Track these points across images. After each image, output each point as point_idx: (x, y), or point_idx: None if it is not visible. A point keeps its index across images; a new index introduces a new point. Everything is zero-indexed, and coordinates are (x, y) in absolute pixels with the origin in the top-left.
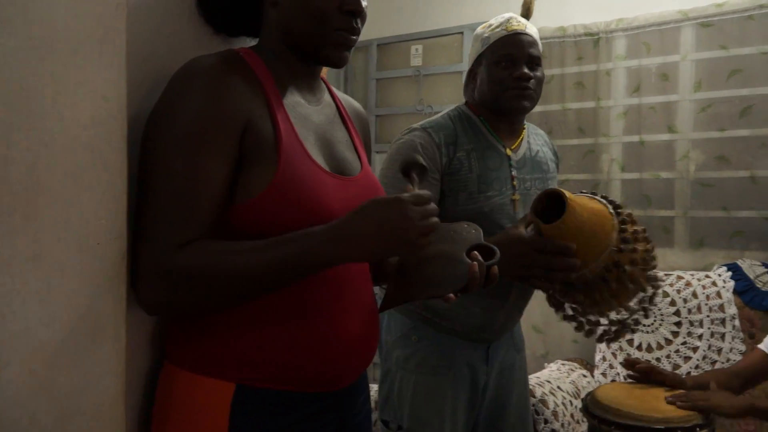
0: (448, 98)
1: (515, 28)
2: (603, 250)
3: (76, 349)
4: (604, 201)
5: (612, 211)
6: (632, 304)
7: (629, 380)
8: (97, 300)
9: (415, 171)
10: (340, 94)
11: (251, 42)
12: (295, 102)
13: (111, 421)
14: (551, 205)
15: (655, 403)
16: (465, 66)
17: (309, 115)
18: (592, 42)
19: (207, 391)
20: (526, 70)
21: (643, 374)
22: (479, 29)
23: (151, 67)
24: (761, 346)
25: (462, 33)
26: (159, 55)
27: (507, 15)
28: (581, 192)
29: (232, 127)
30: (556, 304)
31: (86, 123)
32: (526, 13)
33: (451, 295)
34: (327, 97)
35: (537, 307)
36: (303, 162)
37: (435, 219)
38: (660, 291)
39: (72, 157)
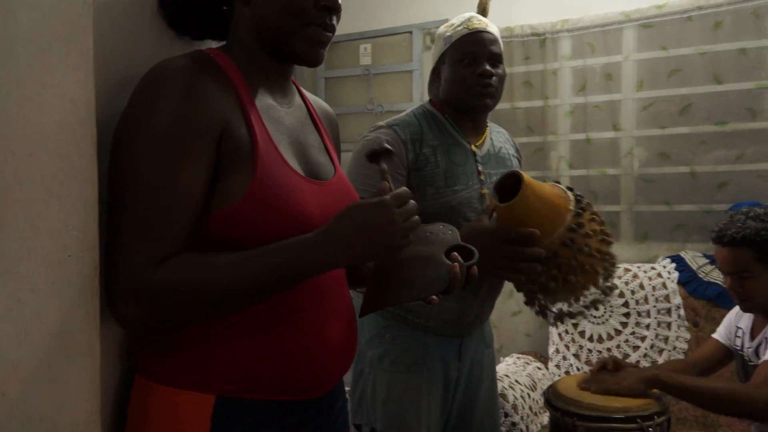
0: (399, 97)
1: (476, 26)
2: (557, 228)
3: (50, 367)
4: (562, 186)
5: (567, 192)
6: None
7: (586, 371)
8: (69, 315)
9: (383, 158)
10: (310, 96)
11: (216, 44)
12: (267, 105)
13: None
14: (511, 188)
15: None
16: (415, 65)
17: (281, 118)
18: (538, 42)
19: (185, 405)
20: (488, 67)
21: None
22: (441, 29)
23: (115, 69)
24: (715, 335)
25: (411, 33)
26: (122, 57)
27: (467, 14)
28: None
29: (210, 133)
30: (527, 294)
31: (54, 128)
32: (483, 13)
33: (434, 297)
34: (298, 99)
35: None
36: (279, 167)
37: (416, 217)
38: (616, 272)
39: (40, 164)
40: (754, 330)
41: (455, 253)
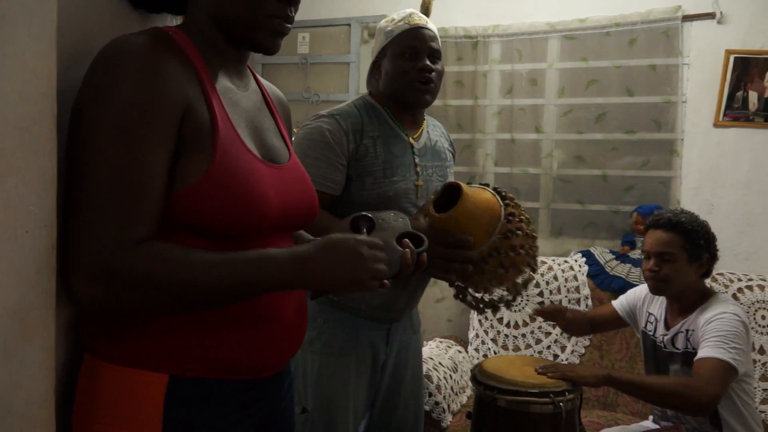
0: (335, 88)
1: (417, 22)
2: (489, 238)
3: (5, 345)
4: (494, 193)
5: (501, 203)
6: (510, 284)
7: (510, 353)
8: (26, 293)
9: (364, 225)
10: (264, 81)
11: (172, 20)
12: (226, 87)
13: (42, 420)
14: (448, 196)
15: (532, 372)
16: (352, 58)
17: (239, 102)
18: (471, 44)
19: (139, 385)
20: (428, 62)
21: (548, 315)
22: (382, 23)
23: (71, 39)
24: (615, 303)
25: (349, 25)
26: (78, 27)
27: (408, 10)
28: (478, 185)
29: (173, 113)
30: (456, 289)
31: (15, 100)
32: (425, 12)
33: (386, 281)
34: (253, 83)
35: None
36: (239, 150)
37: (384, 266)
38: (535, 275)
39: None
40: (668, 320)
41: (406, 240)
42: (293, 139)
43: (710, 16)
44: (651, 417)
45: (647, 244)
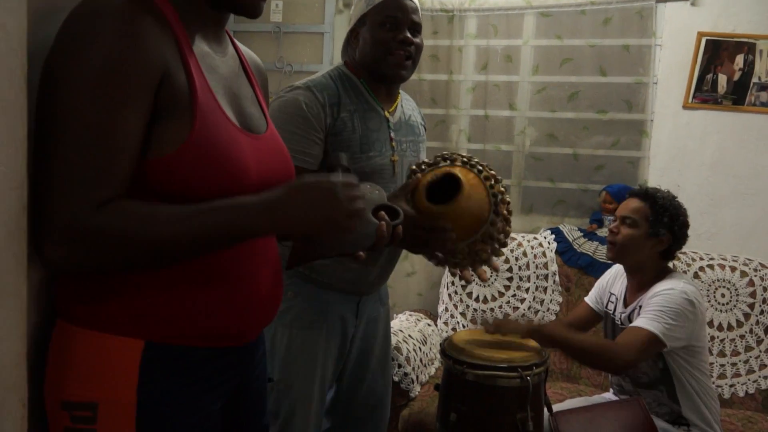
0: (309, 58)
1: None
2: (472, 236)
3: None
4: (483, 179)
5: (491, 206)
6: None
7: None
8: None
9: (340, 166)
10: (242, 47)
11: None
12: (203, 52)
13: (13, 383)
14: (442, 183)
15: (501, 346)
16: (326, 28)
17: (217, 67)
18: (446, 18)
19: (114, 351)
20: (408, 35)
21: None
22: None
23: None
24: (587, 299)
25: None
26: None
27: None
28: (464, 158)
29: (149, 76)
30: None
31: None
32: None
33: (361, 253)
34: (231, 48)
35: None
36: (218, 118)
37: (361, 204)
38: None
39: None
40: (627, 298)
41: (382, 213)
42: (270, 107)
43: None
44: (611, 390)
45: (619, 209)
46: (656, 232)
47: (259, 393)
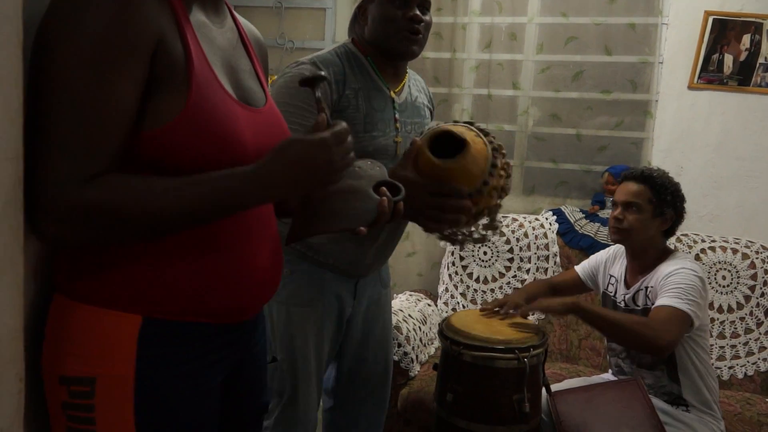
0: (311, 35)
1: None
2: (479, 179)
3: None
4: (481, 135)
5: (488, 145)
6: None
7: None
8: None
9: (317, 85)
10: (241, 19)
11: None
12: (200, 22)
13: (10, 357)
14: (439, 142)
15: (500, 327)
16: (329, 3)
17: (215, 38)
18: None
19: (111, 325)
20: (418, 12)
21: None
22: None
23: None
24: (578, 268)
25: None
26: None
27: None
28: (463, 123)
29: (144, 46)
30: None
31: None
32: None
33: (362, 228)
34: (230, 20)
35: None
36: (215, 90)
37: (352, 154)
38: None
39: None
40: (628, 280)
41: (383, 188)
42: (272, 85)
43: None
44: (610, 371)
45: (617, 194)
46: (661, 211)
47: (259, 371)
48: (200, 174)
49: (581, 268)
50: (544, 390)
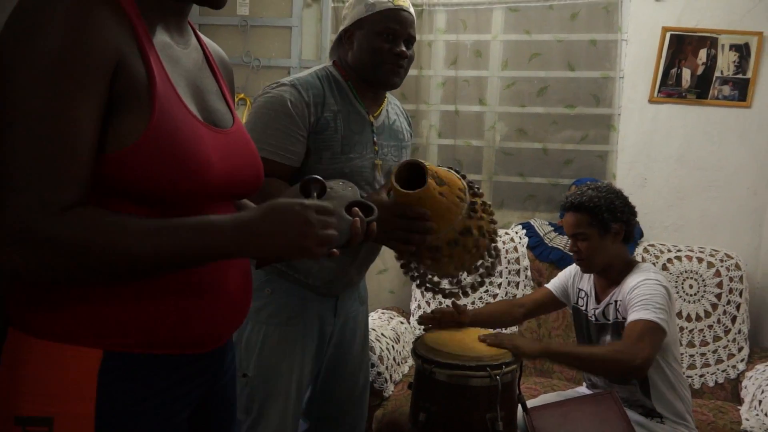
0: (277, 53)
1: (400, 3)
2: (454, 219)
3: None
4: (458, 175)
5: (464, 185)
6: (473, 269)
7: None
8: None
9: (315, 189)
10: (206, 39)
11: None
12: (164, 42)
13: None
14: (412, 174)
15: (473, 345)
16: (294, 22)
17: (178, 59)
18: (416, 13)
19: (70, 361)
20: (404, 48)
21: (436, 321)
22: None
23: None
24: (549, 286)
25: None
26: None
27: None
28: (446, 168)
29: (104, 66)
30: (407, 267)
31: None
32: None
33: (335, 250)
34: (194, 40)
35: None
36: (178, 110)
37: (333, 231)
38: (497, 261)
39: None
40: (597, 294)
41: (356, 209)
42: (254, 102)
43: None
44: (584, 383)
45: (565, 228)
46: (606, 228)
47: (230, 400)
48: (179, 219)
49: (552, 285)
50: (520, 407)
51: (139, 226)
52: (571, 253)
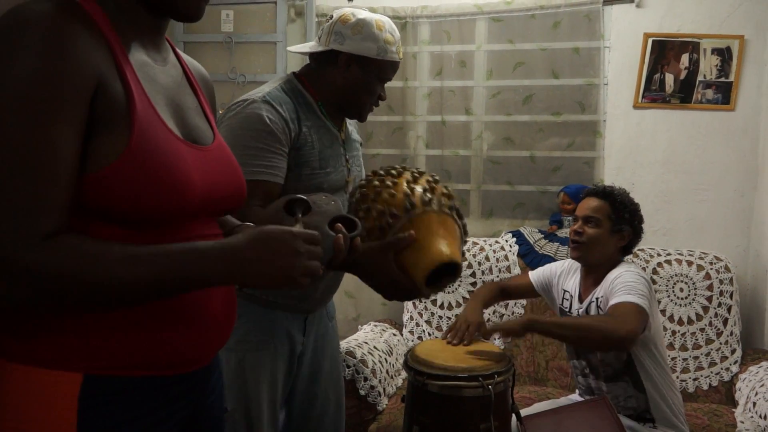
0: (262, 68)
1: (400, 56)
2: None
3: None
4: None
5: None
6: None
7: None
8: None
9: (299, 209)
10: (184, 56)
11: None
12: (141, 61)
13: None
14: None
15: (464, 355)
16: (279, 37)
17: (157, 77)
18: (400, 25)
19: (49, 386)
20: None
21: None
22: (375, 29)
23: None
24: (532, 275)
25: (275, 3)
26: None
27: (396, 34)
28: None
29: (82, 89)
30: None
31: None
32: None
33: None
34: (172, 57)
35: (349, 275)
36: (158, 129)
37: (318, 263)
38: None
39: None
40: (581, 294)
41: (339, 225)
42: (223, 123)
43: (629, 0)
44: (577, 391)
45: (579, 209)
46: (619, 228)
47: (217, 419)
48: (164, 246)
49: (535, 275)
50: (514, 416)
51: (121, 254)
52: (572, 233)
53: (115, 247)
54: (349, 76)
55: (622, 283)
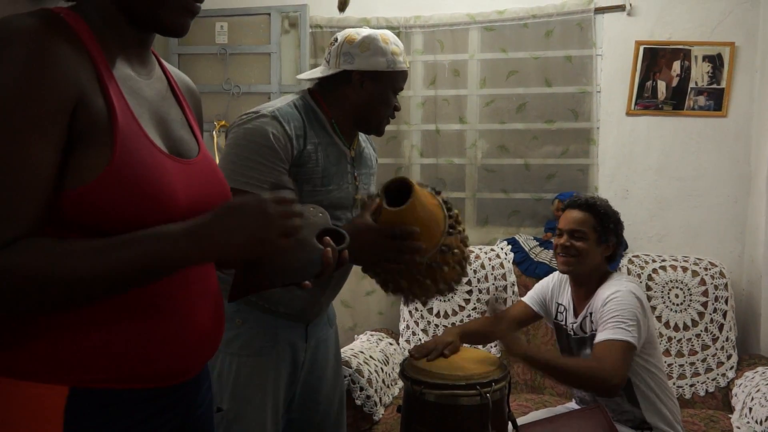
0: (256, 79)
1: (407, 65)
2: (440, 235)
3: None
4: (440, 201)
5: (445, 212)
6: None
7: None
8: None
9: (332, 238)
10: (170, 68)
11: (65, 2)
12: (125, 75)
13: None
14: (396, 192)
15: (461, 363)
16: (273, 48)
17: (141, 90)
18: (393, 35)
19: (34, 399)
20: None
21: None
22: (382, 44)
23: None
24: (525, 299)
25: (269, 14)
26: None
27: (400, 44)
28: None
29: (62, 104)
30: (386, 286)
31: None
32: (342, 7)
33: (307, 282)
34: (158, 70)
35: (346, 283)
36: (141, 143)
37: (297, 220)
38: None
39: None
40: (576, 307)
41: (327, 237)
42: (231, 130)
43: (620, 8)
44: (574, 399)
45: (562, 222)
46: (605, 238)
47: (207, 430)
48: (127, 234)
49: (529, 297)
50: (510, 425)
51: (85, 246)
52: (559, 248)
53: (79, 241)
54: (364, 93)
55: (611, 314)
